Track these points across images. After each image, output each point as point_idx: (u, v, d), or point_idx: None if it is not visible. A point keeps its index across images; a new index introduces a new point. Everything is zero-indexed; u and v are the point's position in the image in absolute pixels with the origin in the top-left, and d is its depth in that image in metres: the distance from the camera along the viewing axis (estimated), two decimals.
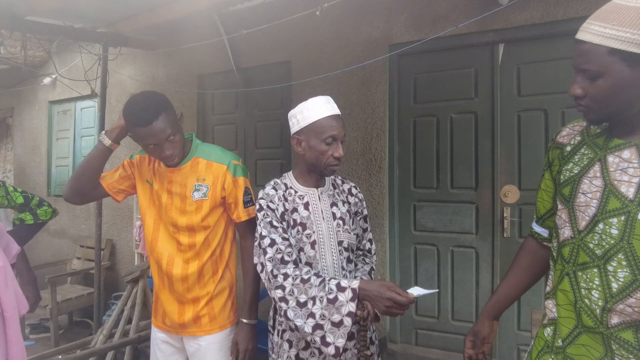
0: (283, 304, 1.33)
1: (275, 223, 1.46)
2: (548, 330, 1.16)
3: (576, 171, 1.10)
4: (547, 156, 1.26)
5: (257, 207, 1.52)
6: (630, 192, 0.98)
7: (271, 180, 1.60)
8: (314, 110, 1.49)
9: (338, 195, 1.61)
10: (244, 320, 1.71)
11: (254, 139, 3.87)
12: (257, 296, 1.77)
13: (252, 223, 1.75)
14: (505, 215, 2.90)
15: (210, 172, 1.71)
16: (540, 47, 2.81)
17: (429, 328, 3.15)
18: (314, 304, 1.29)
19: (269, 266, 1.38)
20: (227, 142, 3.96)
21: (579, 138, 1.14)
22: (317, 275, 1.35)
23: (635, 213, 0.96)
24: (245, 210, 1.73)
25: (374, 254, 1.73)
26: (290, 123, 1.56)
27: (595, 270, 1.01)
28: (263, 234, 1.45)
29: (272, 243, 1.42)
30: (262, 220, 1.48)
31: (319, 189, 1.57)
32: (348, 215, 1.59)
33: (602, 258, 1.00)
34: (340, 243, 1.53)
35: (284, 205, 1.50)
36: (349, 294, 1.27)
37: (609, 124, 1.07)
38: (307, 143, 1.49)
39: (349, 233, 1.57)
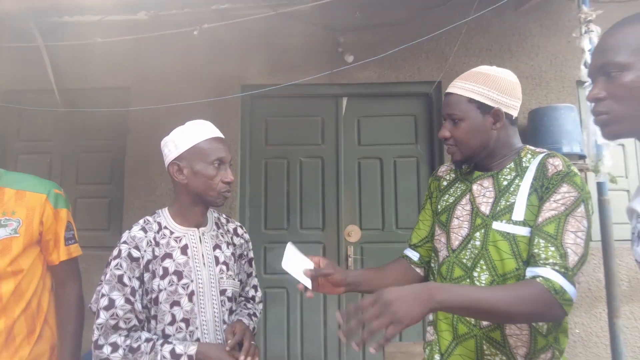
0: None
1: (126, 280, 1.23)
2: (427, 352, 1.28)
3: (451, 201, 1.29)
4: (429, 188, 1.42)
5: (115, 253, 1.27)
6: (487, 209, 1.19)
7: (141, 219, 1.35)
8: (195, 132, 1.33)
9: (222, 236, 1.43)
10: None
11: (74, 172, 3.25)
12: (79, 351, 1.46)
13: (72, 265, 1.49)
14: (349, 253, 3.08)
15: (23, 203, 1.39)
16: (377, 104, 3.21)
17: None
18: None
19: (95, 334, 1.20)
20: (37, 175, 3.22)
21: (453, 175, 1.35)
22: (148, 340, 1.21)
23: (490, 224, 1.16)
24: (66, 248, 1.46)
25: (259, 301, 1.56)
26: (166, 150, 1.35)
27: (468, 280, 1.17)
28: (103, 291, 1.22)
29: (110, 305, 1.21)
30: (110, 271, 1.24)
31: (201, 229, 1.38)
32: (232, 259, 1.41)
33: (471, 268, 1.17)
34: (223, 292, 1.35)
35: (153, 251, 1.28)
36: None
37: (472, 166, 1.29)
38: (190, 169, 1.31)
39: (233, 280, 1.39)
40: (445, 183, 1.35)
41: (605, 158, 2.15)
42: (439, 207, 1.32)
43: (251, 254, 1.53)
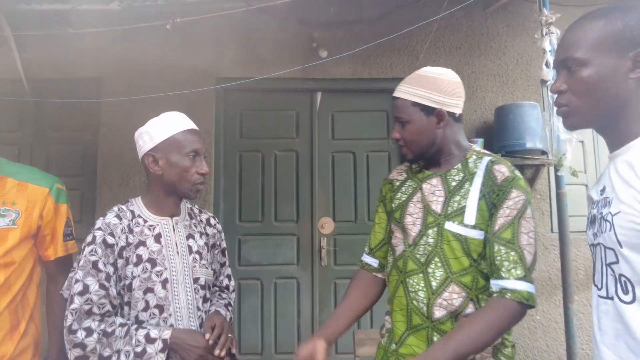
0: None
1: (101, 265, 1.24)
2: (384, 339, 1.35)
3: (404, 198, 1.35)
4: (381, 192, 1.47)
5: (90, 239, 1.27)
6: (438, 208, 1.25)
7: (115, 207, 1.36)
8: (171, 123, 1.35)
9: (195, 226, 1.45)
10: None
11: (45, 164, 3.19)
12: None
13: (67, 261, 1.48)
14: (322, 245, 3.15)
15: (24, 195, 1.38)
16: (351, 99, 3.28)
17: None
18: (118, 358, 1.20)
19: (69, 319, 1.20)
20: None
21: (405, 175, 1.41)
22: (123, 325, 1.23)
23: (442, 223, 1.23)
24: (64, 244, 1.46)
25: (233, 290, 1.59)
26: (141, 141, 1.36)
27: (421, 274, 1.24)
28: (77, 277, 1.23)
29: (84, 291, 1.22)
30: (85, 257, 1.24)
31: (174, 218, 1.39)
32: (205, 248, 1.44)
33: (425, 264, 1.23)
34: (196, 280, 1.37)
35: (127, 238, 1.29)
36: (159, 345, 1.21)
37: (423, 162, 1.36)
38: (165, 160, 1.32)
39: (206, 269, 1.41)
40: (397, 184, 1.40)
41: (568, 153, 2.27)
42: (393, 205, 1.37)
43: (224, 244, 1.56)
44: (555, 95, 0.92)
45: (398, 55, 3.22)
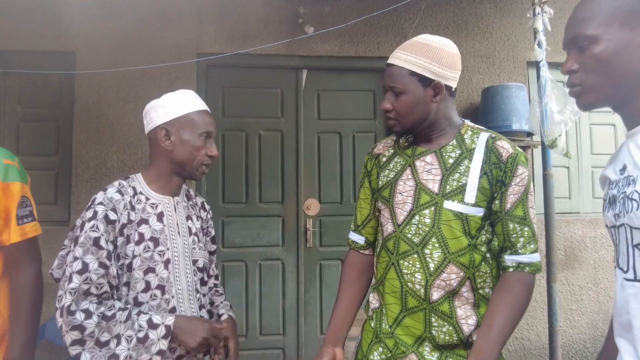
0: (77, 347, 1.12)
1: (102, 242, 1.17)
2: (373, 321, 1.28)
3: (392, 176, 1.27)
4: (365, 167, 1.39)
5: (90, 214, 1.19)
6: (435, 187, 1.19)
7: (115, 182, 1.29)
8: (187, 101, 1.30)
9: (192, 208, 1.42)
10: None
11: (15, 142, 3.03)
12: (32, 342, 1.37)
13: (29, 245, 1.36)
14: (308, 226, 3.11)
15: None
16: (337, 78, 3.21)
17: None
18: (118, 343, 1.14)
19: (67, 299, 1.12)
20: None
21: (392, 150, 1.33)
22: (123, 309, 1.17)
23: (441, 203, 1.17)
24: (19, 228, 1.32)
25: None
26: (154, 114, 1.30)
27: (415, 255, 1.18)
28: (77, 254, 1.15)
29: (84, 269, 1.14)
30: (85, 234, 1.17)
31: (175, 198, 1.35)
32: (201, 231, 1.42)
33: (420, 244, 1.18)
34: (194, 262, 1.34)
35: (129, 215, 1.23)
36: (161, 331, 1.17)
37: (412, 137, 1.28)
38: (178, 137, 1.27)
39: (204, 251, 1.40)
40: (384, 159, 1.33)
41: (563, 134, 2.27)
42: (379, 182, 1.31)
43: (213, 232, 1.53)
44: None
45: (385, 33, 3.15)
